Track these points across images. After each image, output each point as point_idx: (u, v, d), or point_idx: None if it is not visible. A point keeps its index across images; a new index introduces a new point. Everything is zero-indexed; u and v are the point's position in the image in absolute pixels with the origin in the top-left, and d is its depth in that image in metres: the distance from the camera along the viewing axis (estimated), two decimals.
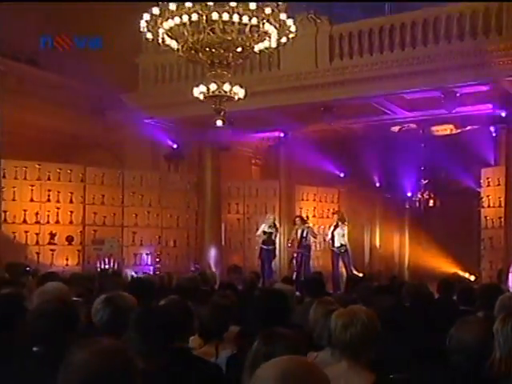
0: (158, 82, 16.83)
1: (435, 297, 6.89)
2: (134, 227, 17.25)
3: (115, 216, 17.01)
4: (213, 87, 10.57)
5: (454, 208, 18.50)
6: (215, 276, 9.68)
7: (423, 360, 3.94)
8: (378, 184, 20.09)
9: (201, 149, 17.97)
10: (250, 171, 20.21)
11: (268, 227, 16.65)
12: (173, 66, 16.41)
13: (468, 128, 17.23)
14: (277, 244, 17.03)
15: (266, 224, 16.73)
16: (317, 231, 17.44)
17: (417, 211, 19.87)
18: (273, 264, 16.52)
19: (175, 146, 17.75)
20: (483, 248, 15.77)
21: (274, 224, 16.84)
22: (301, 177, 18.50)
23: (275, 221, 16.98)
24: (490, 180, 15.78)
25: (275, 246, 16.87)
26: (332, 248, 16.45)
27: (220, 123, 11.43)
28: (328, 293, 7.45)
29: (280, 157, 18.61)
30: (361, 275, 13.62)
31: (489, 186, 15.79)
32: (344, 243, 16.31)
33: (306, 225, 16.72)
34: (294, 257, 16.57)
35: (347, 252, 16.33)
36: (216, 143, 17.46)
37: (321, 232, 18.18)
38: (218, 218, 18.10)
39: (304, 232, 16.40)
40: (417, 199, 19.70)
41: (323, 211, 19.19)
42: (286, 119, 16.51)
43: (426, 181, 19.27)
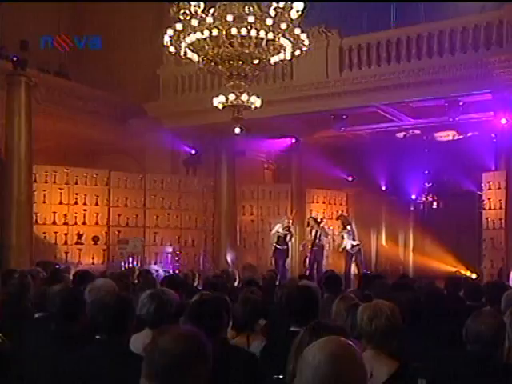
0: (178, 92, 16.91)
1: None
2: (155, 228, 17.36)
3: (138, 217, 17.14)
4: (231, 97, 10.66)
5: (457, 210, 18.35)
6: (235, 274, 9.88)
7: (441, 349, 4.09)
8: (384, 187, 19.96)
9: (217, 154, 17.93)
10: (263, 175, 20.21)
11: (282, 229, 16.77)
12: (192, 77, 16.46)
13: (469, 134, 17.21)
14: (289, 244, 17.00)
15: (281, 225, 16.87)
16: (328, 230, 17.52)
17: (421, 213, 19.87)
18: (286, 263, 16.67)
19: (193, 152, 17.87)
20: (484, 248, 15.68)
21: (289, 227, 16.96)
22: (311, 180, 18.47)
23: (289, 224, 17.03)
24: (491, 183, 15.68)
25: (288, 246, 16.96)
26: (346, 249, 16.56)
27: (238, 131, 11.55)
28: (342, 290, 7.61)
29: (291, 161, 18.65)
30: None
31: (490, 190, 15.69)
32: (355, 243, 16.42)
33: (320, 226, 16.83)
34: (308, 256, 16.69)
35: (360, 252, 16.45)
36: (232, 149, 17.60)
37: (330, 233, 18.29)
38: (234, 220, 18.09)
39: (317, 233, 16.54)
40: (421, 201, 19.75)
41: (332, 213, 19.16)
42: (298, 126, 16.65)
43: (430, 184, 19.25)
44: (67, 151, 16.48)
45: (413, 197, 20.05)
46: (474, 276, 16.80)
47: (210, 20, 9.84)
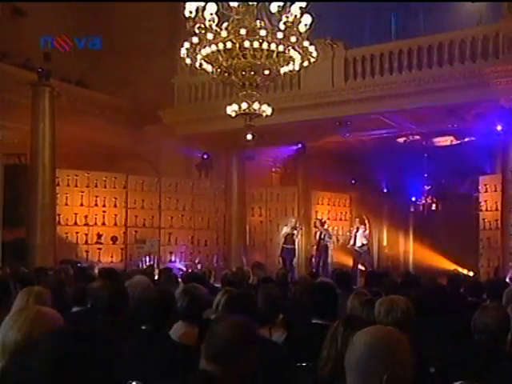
0: (192, 100, 16.98)
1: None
2: (170, 228, 17.45)
3: (153, 218, 17.23)
4: (244, 106, 10.65)
5: (455, 211, 18.42)
6: (249, 272, 10.03)
7: (448, 340, 4.26)
8: (386, 190, 20.05)
9: (228, 159, 18.07)
10: (271, 179, 20.26)
11: (290, 229, 16.94)
12: (204, 86, 16.55)
13: (467, 139, 17.17)
14: (296, 244, 17.10)
15: (289, 226, 17.03)
16: (331, 232, 17.69)
17: (420, 214, 19.92)
18: (294, 261, 16.80)
19: (205, 157, 17.86)
20: (481, 247, 15.72)
21: (295, 226, 17.13)
22: (316, 183, 18.55)
23: (296, 223, 17.19)
24: (488, 186, 15.75)
25: (295, 246, 17.09)
26: (354, 247, 16.70)
27: (250, 137, 11.56)
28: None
29: (298, 165, 18.64)
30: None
31: (486, 192, 15.76)
32: (365, 243, 16.58)
33: (324, 227, 17.00)
34: (313, 255, 16.86)
35: (368, 251, 16.59)
36: (241, 154, 17.68)
37: (334, 233, 18.35)
38: (243, 221, 18.22)
39: (322, 234, 16.71)
40: (420, 203, 19.82)
41: (336, 214, 19.35)
42: (305, 132, 16.62)
43: (429, 187, 19.34)
44: (87, 156, 16.51)
45: (413, 199, 20.17)
46: (471, 274, 16.91)
47: (225, 34, 9.93)
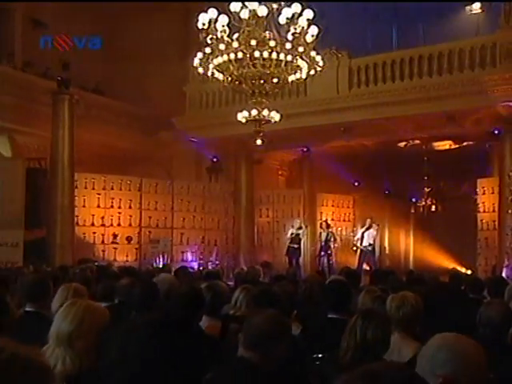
0: (203, 107, 17.10)
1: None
2: (182, 229, 17.49)
3: (166, 219, 17.26)
4: (254, 112, 10.71)
5: (454, 212, 18.43)
6: (260, 270, 10.19)
7: (456, 333, 4.39)
8: (387, 192, 19.97)
9: (237, 162, 18.10)
10: (277, 181, 20.29)
11: (296, 229, 17.08)
12: (215, 94, 16.68)
13: (465, 144, 17.22)
14: (302, 244, 17.21)
15: (294, 227, 17.17)
16: (336, 234, 17.80)
17: (421, 215, 19.86)
18: (300, 260, 16.93)
19: (215, 160, 17.97)
20: (479, 247, 15.66)
21: (301, 227, 17.25)
22: (321, 186, 18.54)
23: (301, 223, 17.32)
24: (485, 189, 15.67)
25: (301, 246, 17.19)
26: (360, 247, 16.81)
27: (259, 142, 11.59)
28: None
29: (303, 169, 18.69)
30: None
31: (484, 194, 15.71)
32: (372, 243, 16.68)
33: (329, 229, 17.14)
34: (319, 255, 16.99)
35: (373, 251, 16.68)
36: (250, 158, 17.78)
37: (338, 233, 18.38)
38: (252, 222, 18.27)
39: (328, 235, 16.86)
40: (420, 205, 19.75)
41: (340, 215, 19.33)
42: (310, 137, 16.66)
43: (429, 189, 19.22)
44: (104, 160, 16.70)
45: (413, 200, 20.17)
46: (469, 272, 16.97)
47: (236, 44, 10.05)
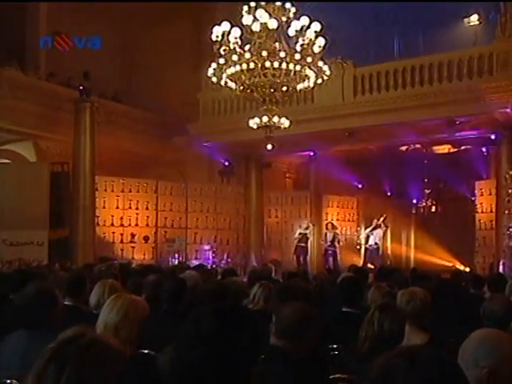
0: (215, 114, 17.10)
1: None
2: (196, 229, 17.62)
3: (181, 220, 17.40)
4: (265, 119, 10.78)
5: (453, 213, 18.39)
6: (272, 268, 10.34)
7: (457, 326, 4.52)
8: (389, 193, 19.78)
9: (247, 166, 18.18)
10: (285, 183, 20.37)
11: (303, 229, 17.20)
12: (226, 101, 16.66)
13: (463, 148, 17.20)
14: (309, 243, 17.35)
15: (302, 227, 17.29)
16: (340, 232, 17.93)
17: (421, 216, 19.77)
18: (307, 259, 17.07)
19: (227, 164, 18.06)
20: (477, 246, 15.67)
21: (308, 226, 17.39)
22: (327, 187, 18.52)
23: (308, 223, 17.45)
24: (483, 190, 15.70)
25: (308, 245, 17.33)
26: (366, 246, 16.88)
27: (270, 147, 11.70)
28: None
29: (310, 171, 18.64)
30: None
31: (482, 196, 15.72)
32: (378, 242, 16.76)
33: (334, 230, 17.25)
34: (327, 254, 17.12)
35: (378, 250, 16.75)
36: (259, 161, 17.86)
37: (343, 233, 18.48)
38: (261, 222, 18.33)
39: (333, 236, 16.97)
40: (421, 206, 19.69)
41: (345, 216, 19.35)
42: (317, 141, 16.65)
43: (429, 190, 19.20)
44: (122, 164, 16.82)
45: (414, 201, 20.01)
46: (468, 269, 17.00)
47: (248, 55, 10.13)
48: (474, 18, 17.14)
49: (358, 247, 17.77)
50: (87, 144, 14.86)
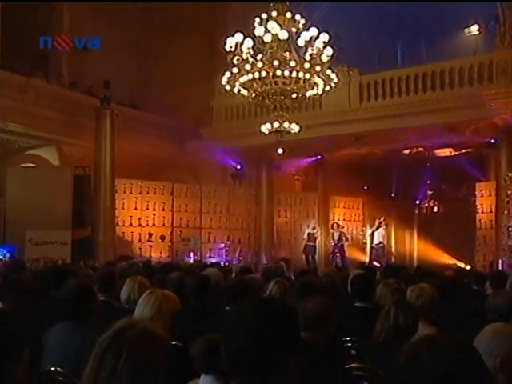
0: (228, 119, 17.27)
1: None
2: (209, 228, 17.65)
3: (195, 220, 17.44)
4: (276, 125, 10.87)
5: (454, 213, 18.32)
6: (284, 265, 10.41)
7: (466, 319, 4.60)
8: (393, 194, 19.91)
9: (258, 169, 18.22)
10: (294, 185, 20.39)
11: (311, 229, 17.29)
12: (239, 107, 16.80)
13: (464, 151, 17.22)
14: (317, 242, 17.38)
15: (310, 227, 17.37)
16: (347, 234, 17.95)
17: (424, 216, 19.84)
18: (316, 257, 17.12)
19: (239, 167, 18.16)
20: (478, 244, 15.67)
21: (315, 226, 17.48)
22: (334, 189, 18.50)
23: (316, 224, 17.55)
24: (483, 191, 15.68)
25: (316, 244, 17.39)
26: (372, 245, 16.93)
27: (280, 151, 11.74)
28: None
29: (318, 174, 18.62)
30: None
31: (482, 197, 15.69)
32: (382, 241, 16.81)
33: (340, 229, 17.32)
34: (333, 252, 17.20)
35: (383, 248, 16.80)
36: (270, 164, 17.90)
37: (349, 233, 18.39)
38: (271, 222, 18.35)
39: (340, 235, 17.05)
40: (424, 206, 19.80)
41: (351, 216, 19.37)
42: (325, 145, 16.71)
43: (431, 192, 19.31)
44: (140, 167, 16.91)
45: (417, 202, 20.10)
46: (469, 267, 17.00)
47: (260, 64, 10.23)
48: (474, 28, 17.22)
49: (364, 246, 17.81)
50: (107, 149, 14.98)
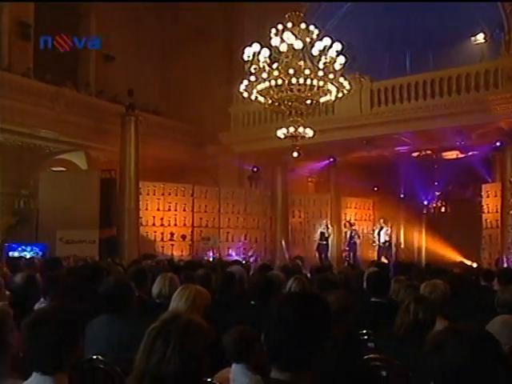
0: (245, 125, 17.28)
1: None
2: (228, 228, 17.75)
3: (214, 220, 17.55)
4: (291, 130, 10.96)
5: (461, 213, 18.26)
6: (300, 263, 10.48)
7: (476, 312, 4.66)
8: (402, 195, 19.87)
9: (273, 171, 18.28)
10: (308, 187, 20.44)
11: (323, 228, 17.34)
12: (255, 113, 16.83)
13: (470, 153, 16.96)
14: (329, 241, 17.40)
15: (322, 226, 17.42)
16: (359, 232, 17.97)
17: (432, 216, 19.70)
18: (328, 255, 17.14)
19: (255, 170, 18.13)
20: (484, 243, 15.63)
21: (327, 226, 17.53)
22: (345, 190, 18.50)
23: (328, 224, 17.59)
24: (489, 192, 15.66)
25: (328, 242, 17.41)
26: (378, 244, 16.93)
27: (296, 154, 11.82)
28: None
29: (330, 176, 18.53)
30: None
31: (488, 197, 15.68)
32: (387, 239, 16.80)
33: (353, 228, 17.33)
34: (345, 250, 17.22)
35: (390, 246, 16.78)
36: (284, 167, 17.93)
37: (360, 231, 18.41)
38: (286, 222, 18.38)
39: (352, 233, 17.06)
40: (432, 207, 19.66)
41: (362, 216, 19.41)
42: (337, 149, 16.72)
43: (439, 193, 19.21)
44: (162, 171, 17.03)
45: (425, 202, 19.95)
46: (475, 265, 16.92)
47: (276, 73, 10.30)
48: (481, 37, 17.17)
49: (374, 244, 17.80)
50: (132, 153, 15.15)
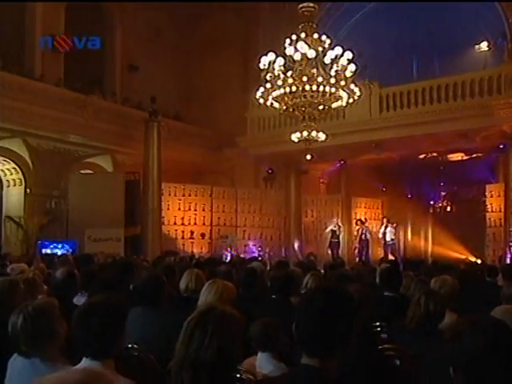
0: (260, 129, 17.32)
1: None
2: (244, 227, 17.79)
3: (231, 219, 17.61)
4: (305, 134, 10.97)
5: (466, 213, 18.18)
6: (314, 260, 10.54)
7: (483, 306, 4.69)
8: (410, 195, 19.83)
9: (287, 173, 18.27)
10: (319, 188, 20.29)
11: (334, 226, 17.36)
12: (270, 118, 16.86)
13: (474, 155, 17.04)
14: (340, 238, 17.43)
15: (332, 224, 17.44)
16: (371, 229, 17.89)
17: (438, 215, 19.65)
18: (339, 252, 17.14)
19: (270, 171, 18.18)
20: (488, 241, 15.59)
21: (338, 225, 17.54)
22: (355, 191, 18.46)
23: (338, 222, 17.61)
24: (493, 192, 15.59)
25: (339, 240, 17.45)
26: (384, 241, 16.92)
27: (309, 157, 11.86)
28: None
29: (341, 177, 18.39)
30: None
31: (492, 197, 15.61)
32: (393, 237, 16.77)
33: (364, 225, 17.31)
34: (357, 247, 17.19)
35: (395, 244, 16.75)
36: (297, 169, 18.01)
37: (371, 230, 18.50)
38: (299, 221, 18.39)
39: (363, 230, 17.04)
40: (438, 206, 19.65)
41: (371, 215, 19.26)
42: (347, 151, 16.67)
43: (445, 193, 19.18)
44: (183, 173, 17.14)
45: (431, 202, 19.96)
46: (479, 261, 16.82)
47: (290, 80, 10.36)
48: (484, 45, 17.10)
49: (383, 242, 17.75)
50: (155, 156, 15.28)
